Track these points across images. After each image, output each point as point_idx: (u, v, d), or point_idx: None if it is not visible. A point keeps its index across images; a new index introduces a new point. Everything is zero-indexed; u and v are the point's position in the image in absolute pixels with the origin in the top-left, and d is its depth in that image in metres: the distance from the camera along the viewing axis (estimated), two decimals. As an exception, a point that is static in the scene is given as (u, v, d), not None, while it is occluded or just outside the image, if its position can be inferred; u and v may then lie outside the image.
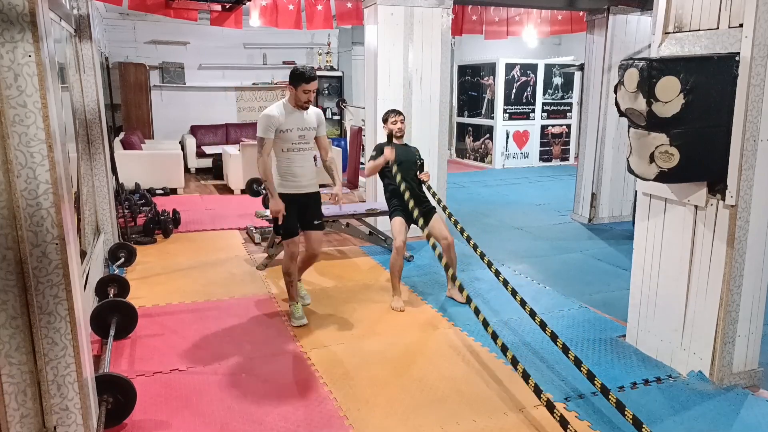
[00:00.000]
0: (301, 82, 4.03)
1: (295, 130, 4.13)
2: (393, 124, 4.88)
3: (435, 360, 3.84)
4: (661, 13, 3.68)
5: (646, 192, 3.83)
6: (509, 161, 12.53)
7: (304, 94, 4.06)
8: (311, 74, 4.06)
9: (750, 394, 3.44)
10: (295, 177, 4.21)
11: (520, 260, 6.04)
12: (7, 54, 2.00)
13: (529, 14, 9.16)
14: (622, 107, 3.37)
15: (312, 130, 4.25)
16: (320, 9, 8.06)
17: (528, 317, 4.53)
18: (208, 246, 6.41)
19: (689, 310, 3.60)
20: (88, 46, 5.34)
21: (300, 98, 4.08)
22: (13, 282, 2.11)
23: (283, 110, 4.12)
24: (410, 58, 6.43)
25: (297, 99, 4.09)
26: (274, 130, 4.06)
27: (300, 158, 4.21)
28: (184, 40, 11.38)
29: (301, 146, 4.20)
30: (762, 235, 3.38)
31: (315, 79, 4.09)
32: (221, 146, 10.89)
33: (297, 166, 4.20)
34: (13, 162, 2.05)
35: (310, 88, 4.06)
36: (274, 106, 4.16)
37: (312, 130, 4.25)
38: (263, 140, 4.06)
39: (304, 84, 4.03)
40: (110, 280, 4.65)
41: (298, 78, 4.03)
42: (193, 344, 4.04)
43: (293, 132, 4.13)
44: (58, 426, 2.28)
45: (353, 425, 3.09)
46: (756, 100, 3.16)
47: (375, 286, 5.19)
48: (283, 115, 4.10)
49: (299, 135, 4.16)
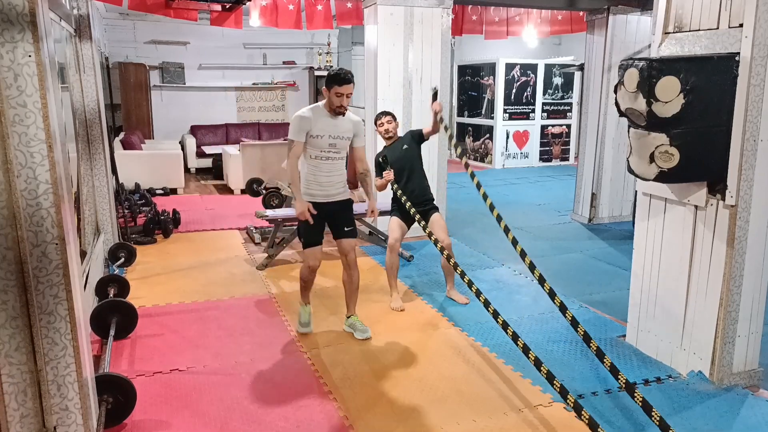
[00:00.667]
0: (334, 84, 3.79)
1: (327, 137, 3.89)
2: (380, 126, 4.89)
3: (435, 360, 3.84)
4: (661, 13, 3.68)
5: (646, 192, 3.83)
6: (509, 161, 12.54)
7: (336, 97, 3.81)
8: (345, 76, 3.78)
9: (750, 394, 3.44)
10: (321, 186, 3.98)
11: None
12: (7, 54, 2.00)
13: (529, 14, 9.16)
14: (622, 107, 3.37)
15: (346, 139, 3.98)
16: (320, 9, 8.06)
17: (527, 318, 4.55)
18: (208, 246, 6.41)
19: (689, 310, 3.60)
20: (88, 46, 5.34)
21: (333, 102, 3.84)
22: (13, 282, 2.11)
23: (317, 114, 3.90)
24: (410, 58, 6.44)
25: (330, 103, 3.87)
26: (305, 133, 3.85)
27: (328, 167, 3.97)
28: (184, 40, 11.39)
29: (331, 155, 3.95)
30: (762, 235, 3.38)
31: (349, 82, 3.80)
32: (221, 146, 10.90)
33: (324, 175, 3.96)
34: (13, 162, 2.05)
35: (342, 91, 3.79)
36: (308, 108, 3.97)
37: (346, 139, 3.98)
38: (293, 143, 3.86)
39: (336, 86, 3.78)
40: (110, 280, 4.65)
41: (332, 80, 3.80)
42: (193, 344, 4.04)
43: (324, 138, 3.89)
44: (58, 426, 2.28)
45: (353, 425, 3.09)
46: (756, 100, 3.16)
47: (375, 286, 5.19)
48: (316, 119, 3.88)
49: (330, 143, 3.91)
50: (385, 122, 4.88)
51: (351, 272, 4.19)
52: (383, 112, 4.97)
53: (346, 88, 3.80)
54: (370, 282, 5.30)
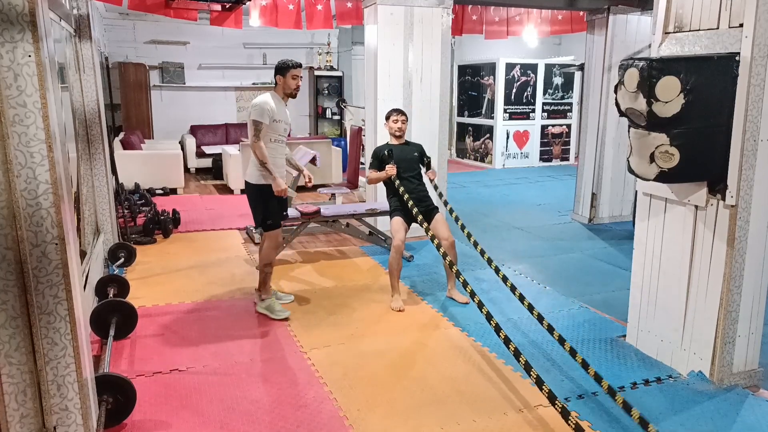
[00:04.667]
0: (290, 69, 4.28)
1: (282, 123, 4.35)
2: (394, 122, 4.91)
3: (435, 360, 3.84)
4: (661, 13, 3.68)
5: (646, 192, 3.83)
6: (509, 161, 12.53)
7: (292, 80, 4.30)
8: (296, 61, 4.34)
9: (750, 394, 3.44)
10: (278, 168, 4.37)
11: (520, 260, 6.04)
12: (7, 54, 2.00)
13: (530, 14, 9.16)
14: (623, 107, 3.37)
15: (289, 125, 4.50)
16: (320, 9, 8.06)
17: (527, 318, 4.54)
18: (208, 246, 6.41)
19: (689, 310, 3.60)
20: (87, 46, 5.34)
21: (290, 85, 4.31)
22: (13, 282, 2.11)
23: (275, 101, 4.30)
24: (410, 58, 6.43)
25: (286, 86, 4.32)
26: (269, 118, 4.21)
27: (282, 150, 4.43)
28: (184, 40, 11.39)
29: (283, 138, 4.42)
30: (762, 235, 3.38)
31: (300, 65, 4.37)
32: (221, 146, 10.89)
33: (280, 157, 4.41)
34: (13, 162, 2.05)
35: (298, 73, 4.32)
36: (265, 95, 4.31)
37: (289, 125, 4.50)
38: (260, 124, 4.18)
39: (292, 70, 4.29)
40: (110, 280, 4.65)
41: (285, 66, 4.29)
42: (193, 344, 4.04)
43: (280, 123, 4.33)
44: (58, 426, 2.28)
45: (353, 425, 3.09)
46: (756, 100, 3.16)
47: (375, 286, 5.19)
48: (276, 105, 4.28)
49: (284, 128, 4.39)
50: (399, 120, 4.93)
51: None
52: (397, 110, 5.01)
53: (300, 71, 4.35)
54: (370, 282, 5.30)
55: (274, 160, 4.31)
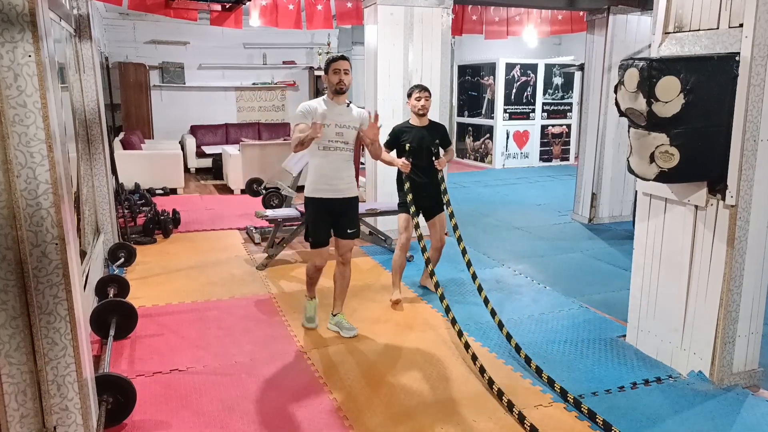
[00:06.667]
0: (330, 64, 3.86)
1: (333, 125, 3.84)
2: (417, 100, 4.55)
3: (435, 360, 3.83)
4: (661, 13, 3.68)
5: (646, 192, 3.83)
6: (509, 161, 12.53)
7: (334, 74, 3.84)
8: (339, 55, 3.91)
9: (750, 394, 3.44)
10: (328, 179, 3.90)
11: (520, 260, 6.04)
12: (7, 54, 2.00)
13: (529, 14, 9.16)
14: (623, 107, 3.37)
15: (352, 129, 3.93)
16: (320, 9, 8.05)
17: (527, 318, 4.54)
18: (208, 246, 6.41)
19: (689, 310, 3.60)
20: (87, 46, 5.34)
21: (332, 81, 3.85)
22: (13, 282, 2.11)
23: (322, 104, 3.89)
24: (410, 58, 6.43)
25: (330, 83, 3.87)
26: (310, 118, 3.79)
27: (335, 158, 3.89)
28: (184, 40, 11.39)
29: (339, 145, 3.89)
30: (762, 235, 3.38)
31: (344, 58, 3.87)
32: (221, 146, 10.90)
33: (330, 167, 3.90)
34: (13, 162, 2.05)
35: (339, 66, 3.83)
36: (311, 100, 3.98)
37: (352, 129, 3.93)
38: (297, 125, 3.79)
39: (332, 64, 3.84)
40: (110, 280, 4.65)
41: (327, 62, 3.89)
42: (193, 344, 4.04)
43: (330, 127, 3.83)
44: (58, 426, 2.28)
45: (353, 425, 3.09)
46: (756, 100, 3.16)
47: (375, 285, 5.19)
48: (321, 107, 3.86)
49: (336, 131, 3.86)
50: (423, 97, 4.54)
51: (344, 269, 4.21)
52: (420, 86, 4.61)
53: (341, 64, 3.85)
54: (370, 282, 5.30)
55: (323, 171, 3.88)
